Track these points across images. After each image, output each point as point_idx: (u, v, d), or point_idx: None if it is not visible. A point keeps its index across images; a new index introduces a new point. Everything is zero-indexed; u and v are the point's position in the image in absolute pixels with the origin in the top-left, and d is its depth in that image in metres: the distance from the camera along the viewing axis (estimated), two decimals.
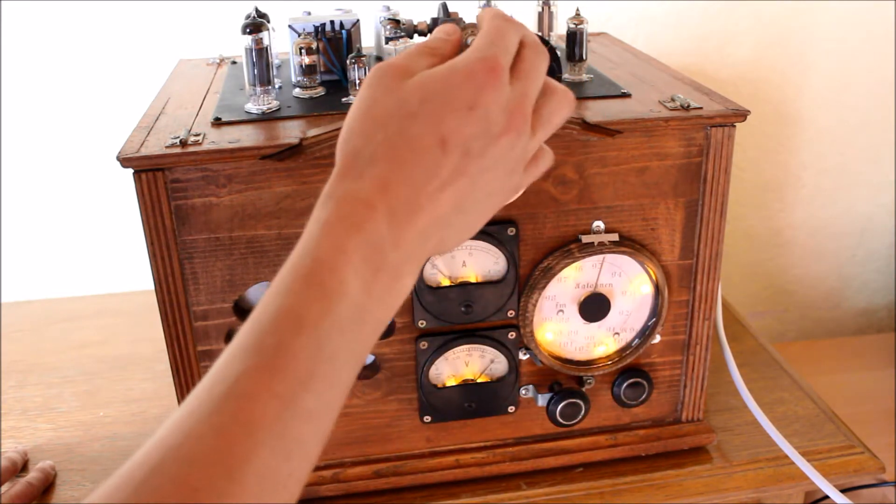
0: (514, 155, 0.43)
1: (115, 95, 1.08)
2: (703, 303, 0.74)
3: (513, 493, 0.75)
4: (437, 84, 0.40)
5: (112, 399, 0.92)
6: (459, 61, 0.41)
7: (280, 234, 0.65)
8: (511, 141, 0.42)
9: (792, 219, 1.31)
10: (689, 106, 0.67)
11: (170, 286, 0.65)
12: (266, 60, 0.67)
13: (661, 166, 0.68)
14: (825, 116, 1.24)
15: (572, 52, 0.75)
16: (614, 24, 1.12)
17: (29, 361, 1.00)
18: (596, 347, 0.74)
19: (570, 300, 0.71)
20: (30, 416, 0.89)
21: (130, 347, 1.02)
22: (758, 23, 1.16)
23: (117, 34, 1.06)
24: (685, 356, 0.76)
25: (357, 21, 0.75)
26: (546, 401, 0.74)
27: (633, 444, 0.78)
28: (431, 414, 0.74)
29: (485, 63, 0.41)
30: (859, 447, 0.80)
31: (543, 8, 0.80)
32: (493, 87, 0.40)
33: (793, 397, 0.88)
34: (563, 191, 0.68)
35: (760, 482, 0.77)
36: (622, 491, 0.75)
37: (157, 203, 0.62)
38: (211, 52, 0.92)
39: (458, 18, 0.68)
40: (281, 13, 0.80)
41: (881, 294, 1.39)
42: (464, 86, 0.40)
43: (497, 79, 0.41)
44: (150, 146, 0.62)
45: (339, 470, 0.74)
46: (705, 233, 0.71)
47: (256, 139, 0.63)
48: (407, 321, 0.70)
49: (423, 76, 0.41)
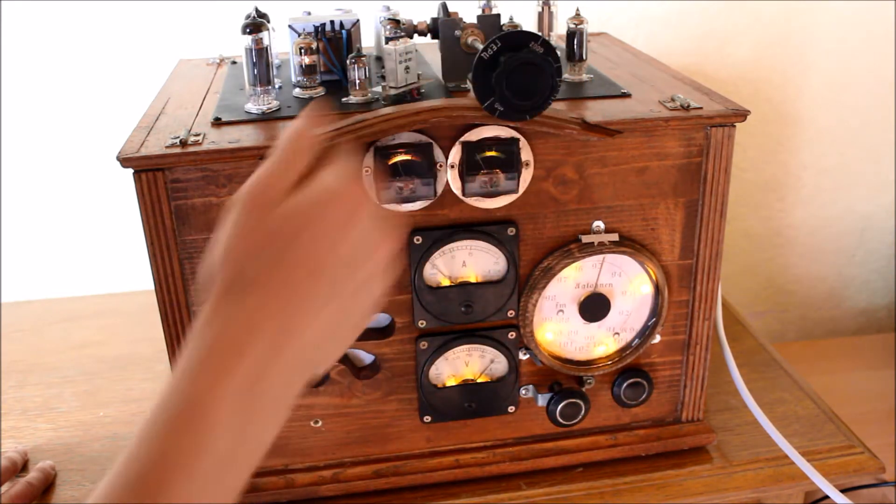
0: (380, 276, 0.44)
1: (115, 95, 1.08)
2: (703, 303, 0.74)
3: (513, 493, 0.75)
4: (304, 216, 0.41)
5: (112, 399, 0.92)
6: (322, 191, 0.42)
7: None
8: (376, 265, 0.44)
9: (792, 219, 1.31)
10: (689, 106, 0.67)
11: (170, 286, 0.65)
12: (266, 60, 0.67)
13: (661, 166, 0.68)
14: (825, 116, 1.24)
15: (572, 52, 0.75)
16: (614, 24, 1.12)
17: (29, 361, 1.00)
18: (596, 347, 0.74)
19: (570, 300, 0.71)
20: (30, 416, 0.89)
21: (130, 347, 1.02)
22: (758, 23, 1.16)
23: (117, 34, 1.06)
24: (685, 356, 0.76)
25: (357, 21, 0.75)
26: (546, 401, 0.74)
27: (633, 444, 0.78)
28: (431, 414, 0.74)
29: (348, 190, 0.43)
30: (859, 447, 0.80)
31: (543, 8, 0.80)
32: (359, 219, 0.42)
33: (793, 397, 0.88)
34: (563, 191, 0.68)
35: (760, 482, 0.77)
36: (622, 491, 0.75)
37: (157, 203, 0.62)
38: (211, 52, 0.92)
39: (458, 18, 0.68)
40: (281, 13, 0.80)
41: (881, 294, 1.39)
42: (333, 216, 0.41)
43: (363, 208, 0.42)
44: (150, 146, 0.62)
45: (339, 470, 0.74)
46: (705, 233, 0.71)
47: (256, 139, 0.63)
48: (407, 321, 0.70)
49: (290, 206, 0.42)
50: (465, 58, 0.68)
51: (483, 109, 0.60)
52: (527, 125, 0.63)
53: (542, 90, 0.59)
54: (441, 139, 0.64)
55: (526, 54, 0.58)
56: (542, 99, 0.59)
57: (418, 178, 0.64)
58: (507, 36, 0.58)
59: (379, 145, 0.63)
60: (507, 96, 0.59)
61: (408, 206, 0.65)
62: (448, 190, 0.66)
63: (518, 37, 0.58)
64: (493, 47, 0.58)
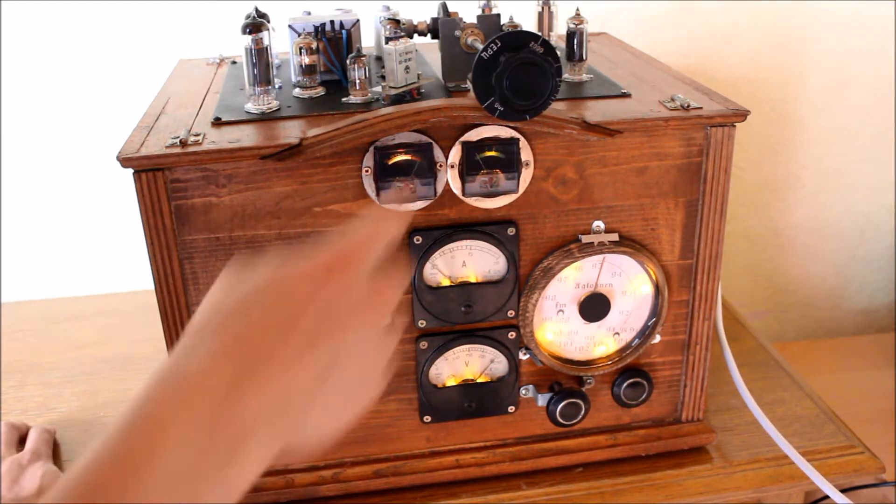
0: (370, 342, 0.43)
1: (115, 95, 1.08)
2: (703, 303, 0.74)
3: (513, 493, 0.75)
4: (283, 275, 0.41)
5: (112, 399, 0.92)
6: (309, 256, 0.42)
7: (280, 234, 0.65)
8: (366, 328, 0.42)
9: (792, 219, 1.31)
10: (689, 106, 0.67)
11: (170, 286, 0.65)
12: (266, 60, 0.67)
13: (661, 166, 0.68)
14: (825, 116, 1.24)
15: (572, 52, 0.75)
16: (614, 24, 1.12)
17: (29, 361, 1.00)
18: (596, 347, 0.74)
19: (570, 300, 0.71)
20: (30, 416, 0.89)
21: (130, 347, 1.02)
22: (758, 23, 1.16)
23: (117, 34, 1.06)
24: (685, 356, 0.76)
25: (357, 21, 0.75)
26: (546, 401, 0.74)
27: (633, 444, 0.78)
28: (431, 414, 0.74)
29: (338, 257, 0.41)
30: (859, 447, 0.80)
31: (543, 8, 0.80)
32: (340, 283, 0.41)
33: (793, 397, 0.88)
34: (563, 191, 0.68)
35: (760, 482, 0.77)
36: (622, 491, 0.75)
37: (157, 203, 0.62)
38: (211, 52, 0.92)
39: (458, 18, 0.68)
40: (281, 13, 0.80)
41: (881, 294, 1.39)
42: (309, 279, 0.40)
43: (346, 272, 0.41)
44: (150, 146, 0.62)
45: (339, 470, 0.74)
46: (705, 233, 0.71)
47: (256, 139, 0.63)
48: (407, 321, 0.70)
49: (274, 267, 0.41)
50: (465, 58, 0.68)
51: (483, 109, 0.60)
52: (527, 125, 0.63)
53: (542, 90, 0.59)
54: (441, 139, 0.64)
55: (526, 54, 0.58)
56: (542, 99, 0.59)
57: (418, 178, 0.64)
58: (507, 36, 0.58)
59: (379, 145, 0.63)
60: (507, 96, 0.59)
61: (408, 206, 0.65)
62: (448, 190, 0.66)
63: (518, 37, 0.58)
64: (493, 47, 0.58)
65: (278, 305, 0.39)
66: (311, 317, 0.39)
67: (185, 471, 0.35)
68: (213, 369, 0.37)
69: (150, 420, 0.35)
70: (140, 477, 0.34)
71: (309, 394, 0.39)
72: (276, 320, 0.39)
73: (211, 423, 0.36)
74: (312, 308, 0.40)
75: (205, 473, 0.35)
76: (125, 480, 0.33)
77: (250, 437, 0.37)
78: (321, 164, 0.63)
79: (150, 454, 0.34)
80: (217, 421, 0.36)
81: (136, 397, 0.36)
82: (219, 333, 0.39)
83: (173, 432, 0.35)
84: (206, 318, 0.40)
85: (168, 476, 0.34)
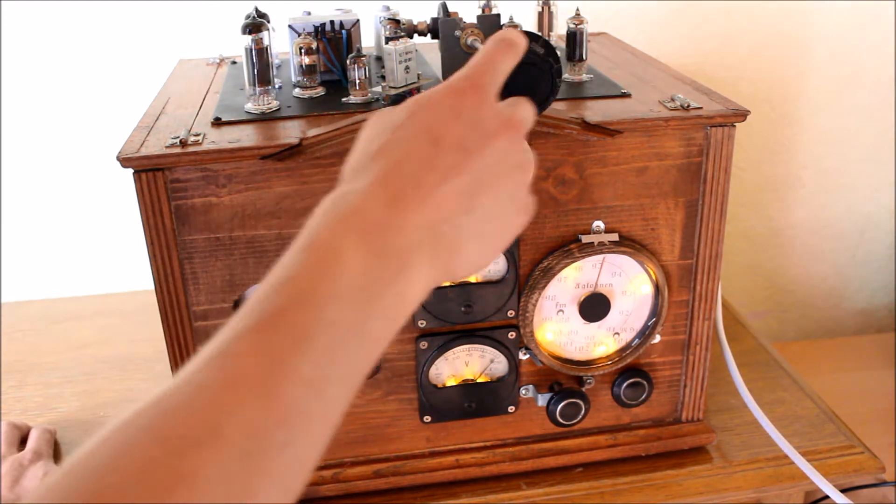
0: (513, 160, 0.44)
1: (115, 95, 1.08)
2: (703, 303, 0.74)
3: (513, 493, 0.75)
4: (423, 99, 0.43)
5: (112, 399, 0.92)
6: (442, 84, 0.44)
7: (280, 234, 0.65)
8: (507, 144, 0.44)
9: (792, 219, 1.31)
10: (689, 106, 0.67)
11: (170, 286, 0.65)
12: (266, 60, 0.67)
13: (660, 166, 0.68)
14: (825, 116, 1.24)
15: (572, 52, 0.75)
16: (614, 24, 1.12)
17: (29, 361, 1.00)
18: (596, 347, 0.74)
19: (570, 300, 0.71)
20: (30, 416, 0.89)
21: (130, 347, 1.02)
22: (758, 23, 1.16)
23: (117, 34, 1.06)
24: (685, 356, 0.76)
25: (357, 21, 0.75)
26: (546, 401, 0.74)
27: (633, 444, 0.78)
28: (431, 414, 0.74)
29: (468, 80, 0.44)
30: (859, 447, 0.80)
31: (543, 8, 0.80)
32: (476, 101, 0.43)
33: (793, 397, 0.88)
34: (563, 191, 0.68)
35: (760, 482, 0.77)
36: (622, 491, 0.75)
37: (157, 203, 0.62)
38: (211, 52, 0.92)
39: (458, 18, 0.68)
40: (281, 13, 0.80)
41: (881, 294, 1.39)
42: (447, 99, 0.43)
43: (479, 94, 0.44)
44: (150, 146, 0.62)
45: (339, 470, 0.74)
46: (705, 233, 0.71)
47: (256, 139, 0.63)
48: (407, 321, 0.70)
49: (410, 99, 0.44)
50: (465, 58, 0.68)
51: None
52: None
53: (543, 90, 0.59)
54: None
55: (526, 54, 0.57)
56: (543, 99, 0.59)
57: None
58: None
59: None
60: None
61: None
62: None
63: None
64: None
65: (424, 125, 0.42)
66: (456, 131, 0.42)
67: (358, 285, 0.37)
68: (371, 193, 0.39)
69: (323, 244, 0.37)
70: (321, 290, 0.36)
71: (461, 216, 0.41)
72: (423, 142, 0.41)
73: (377, 242, 0.38)
74: (456, 123, 0.42)
75: (378, 290, 0.38)
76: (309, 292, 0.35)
77: (414, 252, 0.39)
78: (321, 164, 0.63)
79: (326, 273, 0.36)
80: (381, 239, 0.38)
81: (307, 226, 0.39)
82: (375, 160, 0.41)
83: (344, 253, 0.37)
84: (361, 153, 0.43)
85: (346, 291, 0.36)
